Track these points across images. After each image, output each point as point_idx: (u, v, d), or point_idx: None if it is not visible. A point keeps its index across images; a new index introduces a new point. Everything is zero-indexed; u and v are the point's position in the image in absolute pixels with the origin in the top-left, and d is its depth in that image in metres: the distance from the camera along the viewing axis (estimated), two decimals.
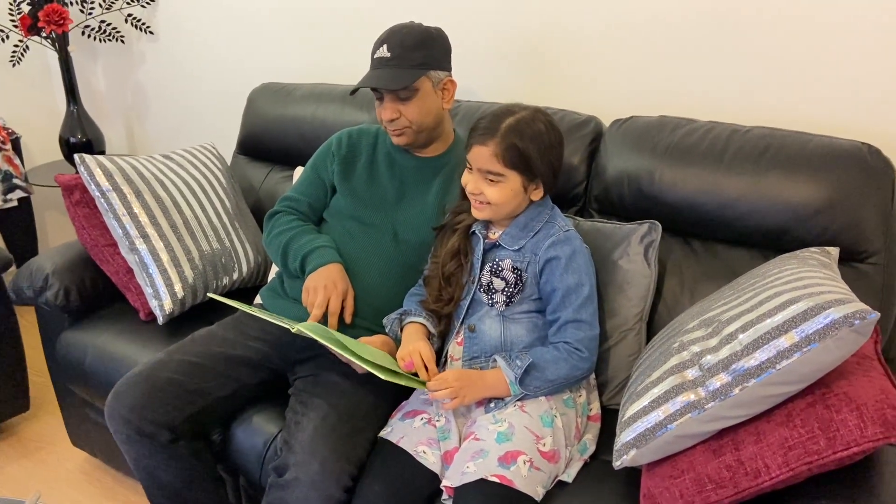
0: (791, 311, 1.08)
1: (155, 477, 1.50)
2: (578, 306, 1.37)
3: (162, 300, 1.78)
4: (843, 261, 1.44)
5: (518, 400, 1.35)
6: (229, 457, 1.58)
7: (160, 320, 1.79)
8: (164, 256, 1.79)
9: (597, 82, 1.90)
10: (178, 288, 1.79)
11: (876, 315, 1.01)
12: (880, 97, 1.56)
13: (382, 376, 1.26)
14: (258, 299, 1.88)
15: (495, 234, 1.46)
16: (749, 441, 1.11)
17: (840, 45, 1.57)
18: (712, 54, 1.72)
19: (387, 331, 1.50)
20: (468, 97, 1.98)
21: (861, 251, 1.43)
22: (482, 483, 1.22)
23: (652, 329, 1.55)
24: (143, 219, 1.80)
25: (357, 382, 1.46)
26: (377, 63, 1.54)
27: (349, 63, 2.31)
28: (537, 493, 1.25)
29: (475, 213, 1.42)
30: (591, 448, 1.39)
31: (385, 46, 1.52)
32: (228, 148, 2.46)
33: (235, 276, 1.94)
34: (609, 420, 1.45)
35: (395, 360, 1.40)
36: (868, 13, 1.53)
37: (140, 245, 1.78)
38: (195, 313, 1.85)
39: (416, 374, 1.37)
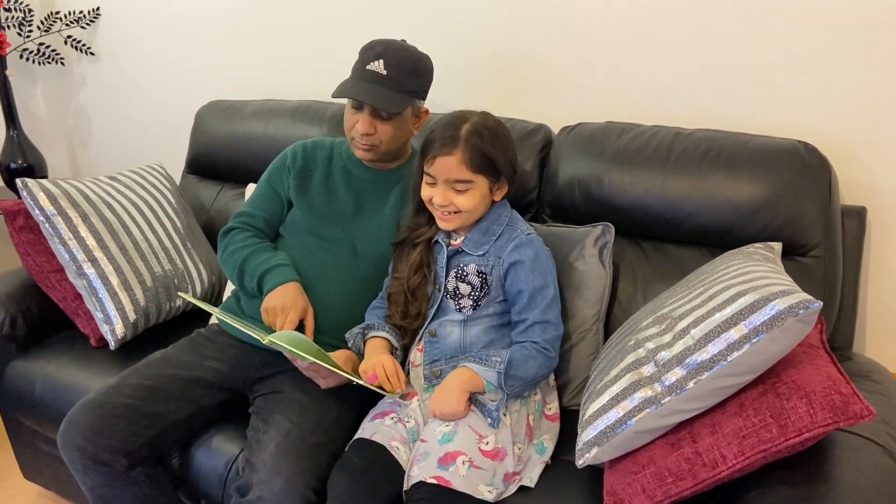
0: (739, 305, 1.11)
1: None
2: (545, 307, 1.39)
3: (113, 325, 1.74)
4: (786, 255, 1.49)
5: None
6: (190, 481, 1.54)
7: (112, 345, 1.75)
8: (114, 280, 1.75)
9: (544, 91, 1.93)
10: (129, 311, 1.75)
11: (819, 304, 1.05)
12: (814, 97, 1.62)
13: (361, 383, 1.26)
14: (214, 319, 1.85)
15: (457, 241, 1.47)
16: (705, 433, 1.14)
17: (775, 50, 1.64)
18: (654, 61, 1.77)
19: (349, 345, 1.49)
20: None
21: (802, 245, 1.49)
22: (422, 486, 1.24)
23: (609, 330, 1.57)
24: (91, 242, 1.76)
25: (319, 397, 1.45)
26: (370, 76, 1.50)
27: (297, 79, 2.32)
28: (479, 491, 1.25)
29: (443, 225, 1.43)
30: (550, 448, 1.40)
31: (381, 62, 1.49)
32: (177, 168, 2.42)
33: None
34: (570, 421, 1.46)
35: (359, 374, 1.40)
36: (801, 19, 1.60)
37: (88, 269, 1.74)
38: (148, 337, 1.81)
39: (380, 388, 1.37)
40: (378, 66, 1.50)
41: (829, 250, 1.49)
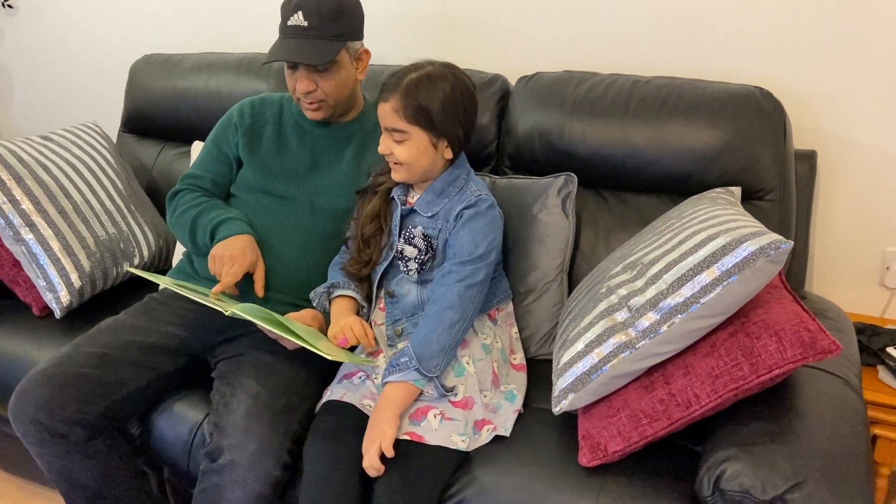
0: (711, 247, 1.13)
1: (72, 479, 1.40)
2: (463, 262, 1.34)
3: (58, 292, 1.65)
4: (743, 199, 1.52)
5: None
6: (151, 449, 1.49)
7: (58, 314, 1.67)
8: (55, 245, 1.66)
9: (500, 40, 1.90)
10: (74, 278, 1.66)
11: (790, 244, 1.07)
12: (765, 44, 1.65)
13: (329, 357, 1.22)
14: (165, 281, 1.78)
15: (412, 198, 1.44)
16: (678, 374, 1.17)
17: None
18: (609, 10, 1.76)
19: (314, 304, 1.46)
20: (371, 60, 1.93)
21: (759, 189, 1.52)
22: (396, 443, 1.22)
23: (572, 280, 1.58)
24: (27, 206, 1.65)
25: (286, 359, 1.41)
26: (292, 31, 1.45)
27: (238, 30, 2.22)
28: (453, 441, 1.25)
29: (393, 175, 1.40)
30: (520, 397, 1.40)
31: (301, 14, 1.43)
32: (110, 127, 2.29)
33: (136, 261, 1.83)
34: (538, 370, 1.48)
35: (327, 337, 1.36)
36: None
37: (26, 234, 1.64)
38: (96, 304, 1.73)
39: (351, 349, 1.35)
40: (298, 18, 1.44)
41: (784, 194, 1.53)
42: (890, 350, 1.53)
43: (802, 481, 1.01)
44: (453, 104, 1.34)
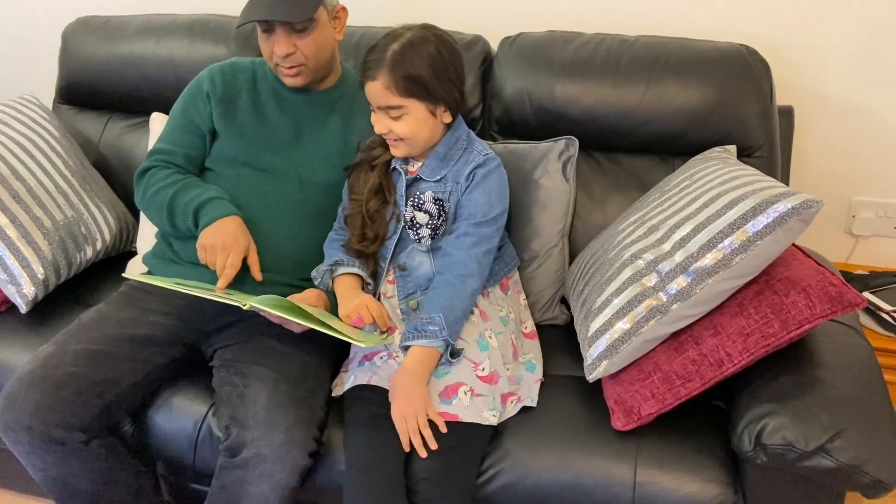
0: (739, 209, 1.15)
1: (68, 485, 1.31)
2: (479, 223, 1.32)
3: (20, 285, 1.51)
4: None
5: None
6: (147, 446, 1.40)
7: (23, 308, 1.53)
8: (12, 233, 1.51)
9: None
10: (37, 268, 1.52)
11: (821, 203, 1.10)
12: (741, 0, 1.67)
13: (363, 344, 1.18)
14: (135, 267, 1.67)
15: (414, 168, 1.39)
16: (707, 335, 1.19)
17: None
18: None
19: (316, 283, 1.39)
20: None
21: (748, 147, 1.55)
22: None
23: (572, 244, 1.58)
24: None
25: (295, 343, 1.34)
26: None
27: None
28: (484, 417, 1.25)
29: (394, 152, 1.35)
30: (539, 366, 1.40)
31: None
32: (41, 98, 2.09)
33: (99, 244, 1.69)
34: (546, 337, 1.48)
35: (338, 317, 1.31)
36: None
37: None
38: (61, 294, 1.60)
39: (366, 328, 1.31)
40: None
41: (771, 151, 1.57)
42: (867, 295, 1.62)
43: (841, 430, 1.06)
44: (443, 66, 1.30)
